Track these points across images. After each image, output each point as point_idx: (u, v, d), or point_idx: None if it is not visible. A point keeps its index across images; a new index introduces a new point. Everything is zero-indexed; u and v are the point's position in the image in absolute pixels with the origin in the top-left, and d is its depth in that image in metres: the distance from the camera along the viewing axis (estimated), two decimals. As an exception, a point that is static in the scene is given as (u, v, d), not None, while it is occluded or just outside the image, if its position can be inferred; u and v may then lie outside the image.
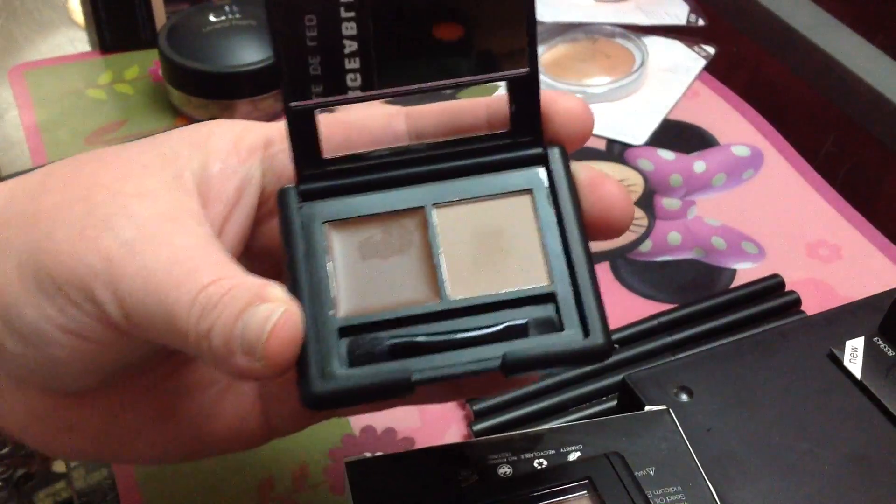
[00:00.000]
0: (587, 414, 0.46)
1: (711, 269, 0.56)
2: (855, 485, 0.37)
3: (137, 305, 0.29)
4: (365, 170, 0.33)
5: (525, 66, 0.32)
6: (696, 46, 0.72)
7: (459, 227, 0.32)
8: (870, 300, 0.44)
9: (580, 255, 0.31)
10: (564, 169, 0.32)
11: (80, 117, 0.66)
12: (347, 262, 0.31)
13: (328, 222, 0.32)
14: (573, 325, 0.30)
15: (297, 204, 0.32)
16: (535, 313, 0.30)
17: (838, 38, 0.69)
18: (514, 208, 0.32)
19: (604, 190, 0.32)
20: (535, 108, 0.32)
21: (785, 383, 0.40)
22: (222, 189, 0.33)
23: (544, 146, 0.33)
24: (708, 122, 0.66)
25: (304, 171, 0.32)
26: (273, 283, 0.30)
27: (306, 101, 0.31)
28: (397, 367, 0.29)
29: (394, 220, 0.32)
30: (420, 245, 0.32)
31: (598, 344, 0.29)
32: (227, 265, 0.30)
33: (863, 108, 0.66)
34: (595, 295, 0.30)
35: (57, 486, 0.55)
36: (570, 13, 0.72)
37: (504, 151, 0.33)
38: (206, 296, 0.29)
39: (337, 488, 0.44)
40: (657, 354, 0.49)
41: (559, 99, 0.33)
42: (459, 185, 0.32)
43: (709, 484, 0.35)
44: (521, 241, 0.31)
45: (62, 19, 0.77)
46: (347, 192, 0.32)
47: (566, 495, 0.32)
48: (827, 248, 0.57)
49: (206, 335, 0.29)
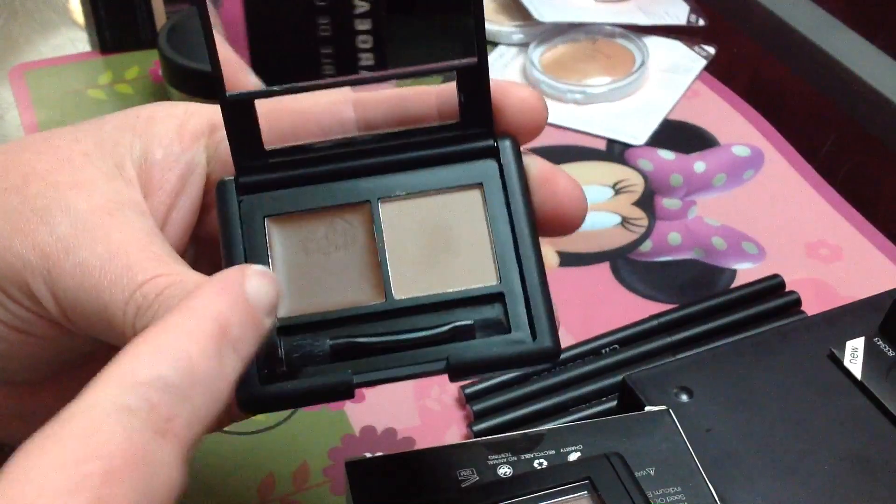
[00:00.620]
0: (587, 414, 0.46)
1: (711, 269, 0.56)
2: (855, 485, 0.37)
3: (73, 302, 0.29)
4: (308, 162, 0.31)
5: (473, 56, 0.30)
6: (696, 46, 0.72)
7: (406, 222, 0.31)
8: (870, 300, 0.44)
9: (530, 254, 0.30)
10: (516, 162, 0.31)
11: (80, 117, 0.66)
12: (289, 259, 0.30)
13: (269, 217, 0.31)
14: (521, 327, 0.29)
15: (237, 197, 0.31)
16: (483, 314, 0.30)
17: (838, 38, 0.69)
18: (463, 203, 0.31)
19: (556, 185, 0.31)
20: (486, 98, 0.31)
21: (785, 383, 0.40)
22: (165, 177, 0.31)
23: (495, 138, 0.32)
24: (708, 122, 0.66)
25: (244, 162, 0.31)
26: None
27: (243, 92, 0.30)
28: (337, 371, 0.28)
29: (338, 215, 0.31)
30: (365, 241, 0.31)
31: (546, 347, 0.29)
32: (165, 261, 0.29)
33: (863, 108, 0.66)
34: (544, 295, 0.29)
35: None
36: (570, 13, 0.72)
37: (454, 143, 0.32)
38: (141, 294, 0.28)
39: (337, 488, 0.44)
40: (657, 354, 0.49)
41: (511, 89, 0.32)
42: (407, 179, 0.31)
43: (709, 484, 0.35)
44: (470, 237, 0.31)
45: (62, 19, 0.77)
46: (289, 185, 0.31)
47: (566, 495, 0.32)
48: (827, 248, 0.57)
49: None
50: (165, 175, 0.31)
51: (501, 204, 0.31)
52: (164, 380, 0.24)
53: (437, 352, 0.29)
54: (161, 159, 0.31)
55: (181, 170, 0.32)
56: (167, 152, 0.32)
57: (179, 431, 0.24)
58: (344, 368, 0.28)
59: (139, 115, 0.32)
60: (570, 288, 0.54)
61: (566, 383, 0.47)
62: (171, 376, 0.24)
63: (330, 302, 0.30)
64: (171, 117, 0.32)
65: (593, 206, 0.60)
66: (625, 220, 0.59)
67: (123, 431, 0.23)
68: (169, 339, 0.25)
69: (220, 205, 0.31)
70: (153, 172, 0.31)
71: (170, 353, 0.24)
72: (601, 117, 0.66)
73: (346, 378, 0.28)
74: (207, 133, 0.32)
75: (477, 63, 0.31)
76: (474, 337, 0.29)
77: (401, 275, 0.30)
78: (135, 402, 0.23)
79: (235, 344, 0.25)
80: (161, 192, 0.31)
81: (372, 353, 0.29)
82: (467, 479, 0.34)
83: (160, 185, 0.31)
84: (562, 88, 0.67)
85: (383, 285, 0.30)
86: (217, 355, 0.25)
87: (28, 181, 0.30)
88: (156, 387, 0.24)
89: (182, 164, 0.32)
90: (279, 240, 0.31)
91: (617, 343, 0.50)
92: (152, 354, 0.24)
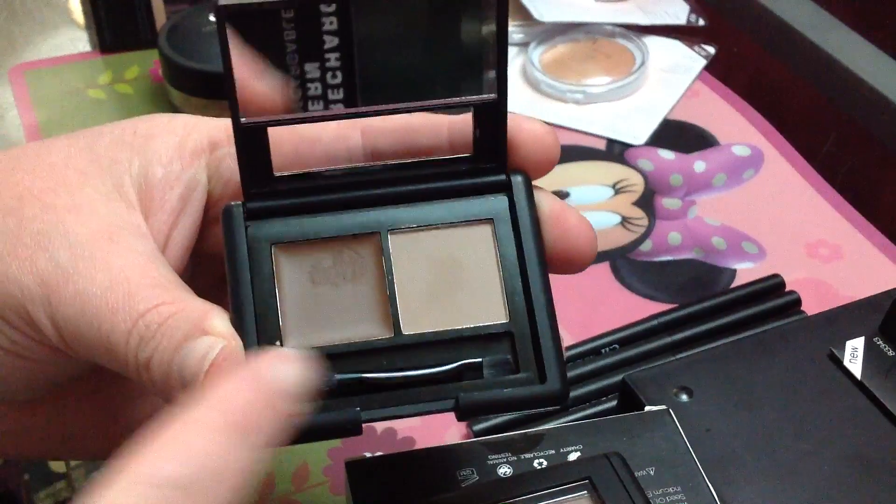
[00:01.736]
0: (587, 414, 0.46)
1: (711, 269, 0.56)
2: (855, 485, 0.37)
3: (74, 330, 0.28)
4: (317, 189, 0.31)
5: (493, 92, 0.30)
6: (696, 46, 0.72)
7: (416, 255, 0.30)
8: (870, 300, 0.44)
9: (540, 293, 0.29)
10: (527, 199, 0.31)
11: (80, 117, 0.66)
12: (295, 289, 0.30)
13: (276, 244, 0.30)
14: (529, 368, 0.29)
15: (244, 223, 0.30)
16: (491, 351, 0.29)
17: (838, 38, 0.69)
18: (473, 238, 0.31)
19: (567, 223, 0.31)
20: (502, 134, 0.31)
21: (785, 383, 0.40)
22: (166, 197, 0.31)
23: (508, 173, 0.31)
24: (708, 122, 0.66)
25: (253, 188, 0.30)
26: (215, 309, 0.28)
27: (258, 119, 0.29)
28: (346, 407, 0.28)
29: (346, 246, 0.30)
30: (373, 273, 0.30)
31: (555, 390, 0.29)
32: (167, 287, 0.28)
33: (863, 107, 0.66)
34: (553, 336, 0.29)
35: (57, 486, 0.55)
36: (570, 13, 0.72)
37: (465, 177, 0.31)
38: (144, 324, 0.27)
39: (337, 488, 0.44)
40: (657, 354, 0.49)
41: (524, 124, 0.31)
42: (417, 211, 0.31)
43: (709, 484, 0.35)
44: (480, 273, 0.30)
45: (62, 19, 0.77)
46: (298, 213, 0.30)
47: (566, 495, 0.32)
48: (827, 248, 0.57)
49: (146, 366, 0.27)
50: (166, 195, 0.31)
51: (512, 240, 0.30)
52: (186, 478, 0.23)
53: (445, 390, 0.28)
54: (162, 178, 0.31)
55: (182, 189, 0.31)
56: (168, 171, 0.31)
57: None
58: (352, 404, 0.28)
59: (136, 131, 0.31)
60: (570, 288, 0.54)
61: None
62: (192, 474, 0.23)
63: (338, 335, 0.29)
64: (170, 133, 0.31)
65: (593, 206, 0.60)
66: (625, 219, 0.59)
67: None
68: (188, 436, 0.24)
69: (226, 230, 0.30)
70: (154, 192, 0.31)
71: (188, 451, 0.24)
72: (601, 117, 0.66)
73: (355, 415, 0.28)
74: (208, 150, 0.32)
75: (497, 99, 0.30)
76: (482, 375, 0.29)
77: (410, 309, 0.30)
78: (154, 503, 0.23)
79: (257, 436, 0.25)
80: (162, 212, 0.31)
81: (380, 390, 0.28)
82: (467, 478, 0.34)
83: (161, 206, 0.31)
84: (562, 88, 0.67)
85: (392, 319, 0.29)
86: (239, 448, 0.24)
87: (23, 202, 0.29)
88: (176, 486, 0.23)
89: (183, 183, 0.31)
90: (286, 268, 0.30)
91: (617, 343, 0.50)
92: (163, 450, 0.24)
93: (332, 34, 0.28)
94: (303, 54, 0.28)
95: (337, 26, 0.28)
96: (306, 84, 0.29)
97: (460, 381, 0.29)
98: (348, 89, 0.29)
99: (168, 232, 0.31)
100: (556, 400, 0.29)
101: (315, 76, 0.29)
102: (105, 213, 0.29)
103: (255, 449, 0.25)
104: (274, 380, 0.25)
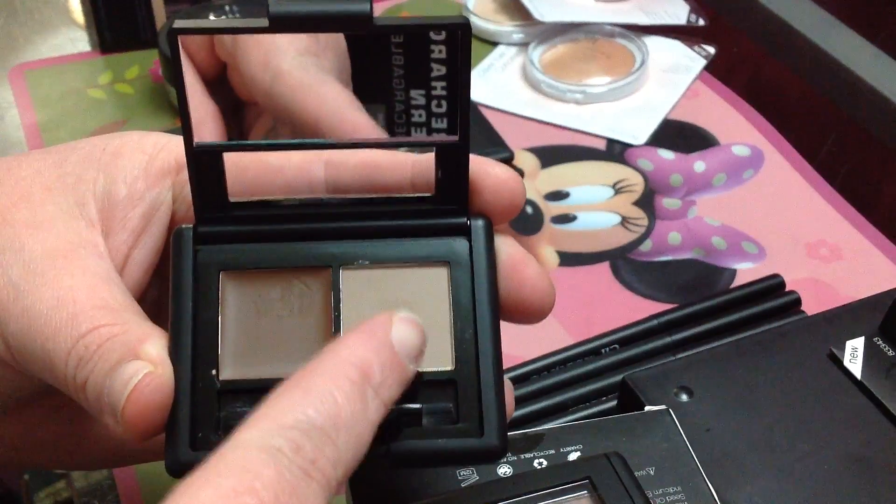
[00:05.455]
0: (587, 414, 0.46)
1: (711, 269, 0.56)
2: (855, 485, 0.37)
3: (20, 347, 0.28)
4: (273, 218, 0.30)
5: (455, 135, 0.29)
6: (696, 46, 0.72)
7: (367, 292, 0.30)
8: (870, 300, 0.44)
9: (488, 342, 0.29)
10: (486, 244, 0.30)
11: (81, 117, 0.66)
12: (239, 318, 0.29)
13: (225, 271, 0.29)
14: (470, 419, 0.28)
15: (192, 247, 0.29)
16: (433, 398, 0.29)
17: (838, 38, 0.69)
18: (428, 279, 0.30)
19: (525, 273, 0.31)
20: (463, 177, 0.30)
21: (785, 383, 0.40)
22: (127, 216, 0.30)
23: (469, 217, 0.30)
24: (708, 122, 0.66)
25: (205, 212, 0.30)
26: (155, 334, 0.28)
27: (211, 143, 0.29)
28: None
29: (297, 277, 0.30)
30: (321, 308, 0.29)
31: (492, 445, 0.28)
32: (113, 309, 0.28)
33: (863, 108, 0.66)
34: (497, 389, 0.28)
35: (57, 486, 0.55)
36: (570, 13, 0.72)
37: (425, 217, 0.30)
38: (83, 345, 0.27)
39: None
40: (657, 354, 0.49)
41: (490, 169, 0.31)
42: (373, 248, 0.30)
43: (709, 484, 0.35)
44: (431, 316, 0.29)
45: (62, 19, 0.77)
46: (250, 240, 0.30)
47: (566, 495, 0.32)
48: (827, 248, 0.57)
49: (83, 388, 0.27)
50: (128, 213, 0.30)
51: (467, 286, 0.30)
52: (310, 422, 0.25)
53: (379, 435, 0.27)
54: (124, 197, 0.30)
55: (144, 208, 0.31)
56: (131, 190, 0.30)
57: (324, 472, 0.24)
58: None
59: (106, 148, 0.31)
60: (570, 288, 0.54)
61: (566, 383, 0.47)
62: (316, 419, 0.25)
63: (276, 369, 0.28)
64: (138, 152, 0.31)
65: (593, 206, 0.60)
66: (625, 219, 0.59)
67: (274, 469, 0.23)
68: (315, 383, 0.25)
69: (174, 252, 0.29)
70: (115, 211, 0.30)
71: (315, 397, 0.25)
72: (601, 117, 0.66)
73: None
74: (175, 171, 0.31)
75: (458, 141, 0.30)
76: (421, 423, 0.28)
77: None
78: (281, 443, 0.24)
79: (378, 389, 0.26)
80: (123, 231, 0.30)
81: None
82: (467, 478, 0.34)
83: (122, 224, 0.30)
84: (562, 88, 0.67)
85: None
86: (360, 399, 0.25)
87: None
88: (301, 429, 0.24)
89: (146, 202, 0.31)
90: (232, 296, 0.29)
91: (617, 343, 0.50)
92: (298, 397, 0.25)
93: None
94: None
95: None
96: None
97: (398, 427, 0.28)
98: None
99: (128, 251, 0.31)
100: (492, 456, 0.28)
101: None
102: (63, 230, 0.29)
103: (382, 405, 0.26)
104: (400, 341, 0.27)
